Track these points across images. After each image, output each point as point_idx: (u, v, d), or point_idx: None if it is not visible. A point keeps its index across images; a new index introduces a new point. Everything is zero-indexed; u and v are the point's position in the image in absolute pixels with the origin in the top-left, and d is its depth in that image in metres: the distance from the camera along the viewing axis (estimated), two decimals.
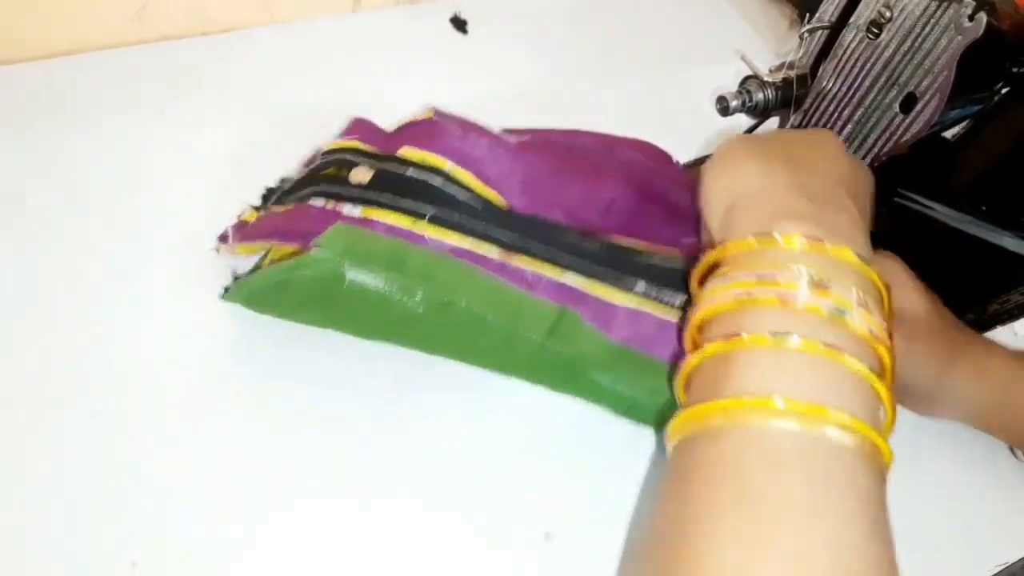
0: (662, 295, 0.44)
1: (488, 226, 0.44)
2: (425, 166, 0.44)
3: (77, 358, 0.45)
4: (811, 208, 0.32)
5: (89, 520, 0.40)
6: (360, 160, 0.46)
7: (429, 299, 0.42)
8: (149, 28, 0.63)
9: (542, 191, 0.45)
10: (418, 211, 0.43)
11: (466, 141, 0.45)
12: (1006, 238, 0.60)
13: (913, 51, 0.43)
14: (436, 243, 0.43)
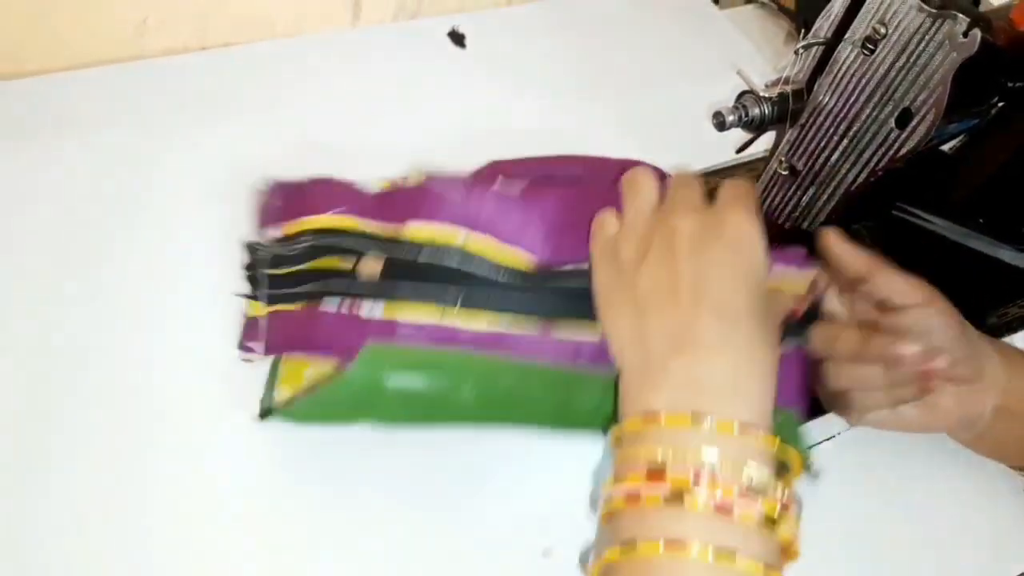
0: None
1: (519, 298, 0.42)
2: (437, 245, 0.42)
3: (73, 371, 0.45)
4: (680, 364, 0.34)
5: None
6: (361, 246, 0.42)
7: (478, 389, 0.41)
8: (150, 43, 0.63)
9: (562, 233, 0.43)
10: (443, 299, 0.41)
11: (471, 204, 0.42)
12: (1003, 251, 0.60)
13: (908, 67, 0.43)
14: (470, 333, 0.41)
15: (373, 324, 0.41)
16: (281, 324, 0.43)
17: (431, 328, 0.41)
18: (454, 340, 0.41)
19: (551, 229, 0.43)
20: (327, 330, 0.41)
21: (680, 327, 0.35)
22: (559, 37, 0.73)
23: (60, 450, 0.42)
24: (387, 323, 0.41)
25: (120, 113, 0.59)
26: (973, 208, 0.60)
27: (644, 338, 0.36)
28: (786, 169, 0.51)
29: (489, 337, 0.41)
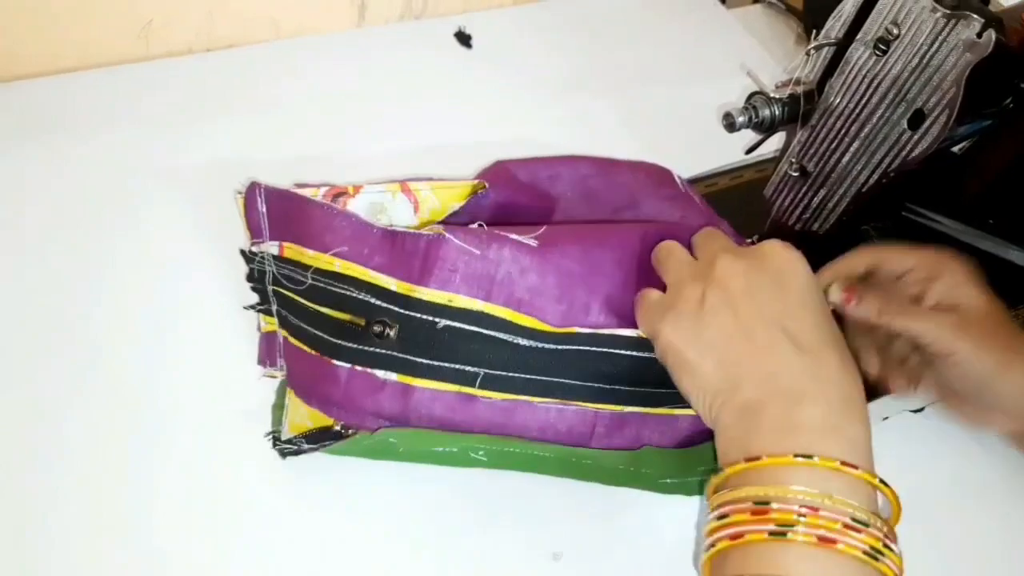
0: None
1: (539, 377, 0.41)
2: (455, 311, 0.40)
3: (78, 367, 0.45)
4: (776, 408, 0.34)
5: None
6: (372, 301, 0.40)
7: (491, 453, 0.42)
8: (155, 45, 0.63)
9: (575, 294, 0.42)
10: (461, 372, 0.40)
11: (487, 261, 0.40)
12: (1013, 252, 0.60)
13: (921, 68, 0.42)
14: (486, 403, 0.41)
15: (390, 386, 0.40)
16: (295, 364, 0.43)
17: (448, 396, 0.40)
18: (471, 409, 0.41)
19: (564, 285, 0.42)
20: (343, 390, 0.41)
21: (765, 370, 0.35)
22: (566, 37, 0.72)
23: (63, 445, 0.42)
24: (404, 387, 0.40)
25: (125, 114, 0.59)
26: (983, 209, 0.60)
27: (732, 388, 0.36)
28: (797, 170, 0.50)
29: (505, 405, 0.41)
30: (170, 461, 0.43)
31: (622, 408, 0.42)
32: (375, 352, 0.40)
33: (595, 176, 0.51)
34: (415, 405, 0.40)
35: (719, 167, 0.63)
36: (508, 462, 0.43)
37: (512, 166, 0.51)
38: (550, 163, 0.52)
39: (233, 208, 0.50)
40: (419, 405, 0.40)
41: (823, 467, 0.32)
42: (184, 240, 0.52)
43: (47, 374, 0.45)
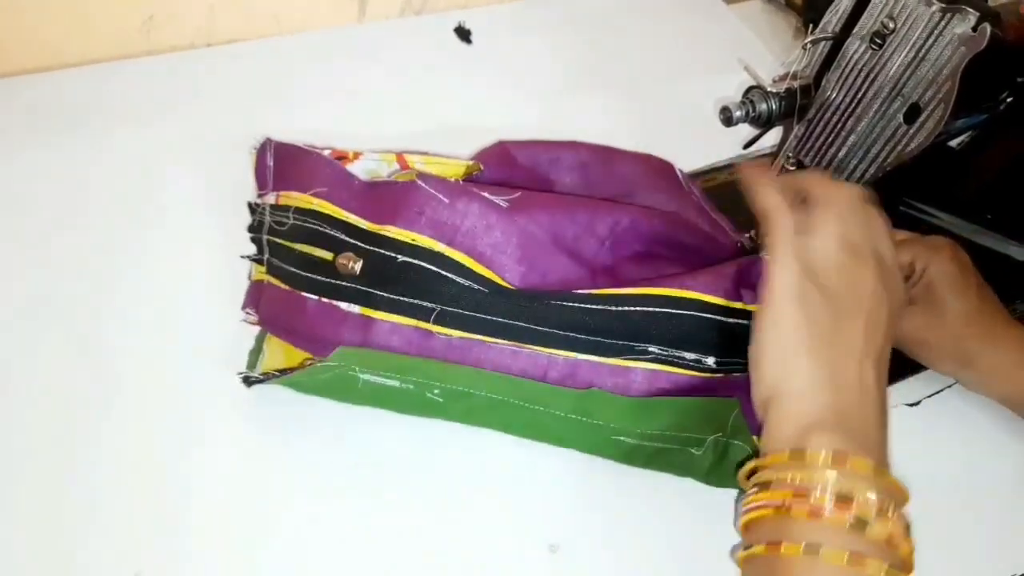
0: (674, 355, 0.43)
1: (494, 318, 0.42)
2: (416, 249, 0.42)
3: (86, 356, 0.45)
4: (837, 418, 0.36)
5: (94, 532, 0.40)
6: (341, 237, 0.43)
7: (446, 392, 0.42)
8: (156, 39, 0.63)
9: (536, 257, 0.43)
10: (419, 307, 0.42)
11: (455, 210, 0.42)
12: (1012, 247, 0.60)
13: (917, 62, 0.43)
14: (443, 340, 0.42)
15: (352, 319, 0.42)
16: (269, 300, 0.45)
17: (406, 330, 0.42)
18: (427, 345, 0.42)
19: (527, 248, 0.43)
20: (309, 320, 0.43)
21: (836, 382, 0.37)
22: (565, 32, 0.73)
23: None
24: (365, 319, 0.42)
25: (127, 109, 0.59)
26: (981, 204, 0.60)
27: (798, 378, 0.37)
28: (794, 164, 0.50)
29: (461, 344, 0.42)
30: (145, 399, 0.45)
31: (575, 355, 0.43)
32: (340, 285, 0.42)
33: (595, 163, 0.52)
34: (374, 337, 0.41)
35: (717, 162, 0.63)
36: (463, 407, 0.44)
37: (513, 147, 0.51)
38: (552, 147, 0.52)
39: (236, 199, 0.51)
40: (378, 337, 0.41)
41: (857, 468, 0.34)
42: (187, 232, 0.52)
43: (49, 364, 0.45)
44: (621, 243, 0.46)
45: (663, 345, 0.43)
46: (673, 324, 0.43)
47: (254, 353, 0.46)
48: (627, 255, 0.47)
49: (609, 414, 0.43)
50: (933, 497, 0.47)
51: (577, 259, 0.45)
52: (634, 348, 0.43)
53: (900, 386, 0.52)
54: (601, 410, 0.43)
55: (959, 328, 0.46)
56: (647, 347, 0.43)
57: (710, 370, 0.43)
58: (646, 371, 0.43)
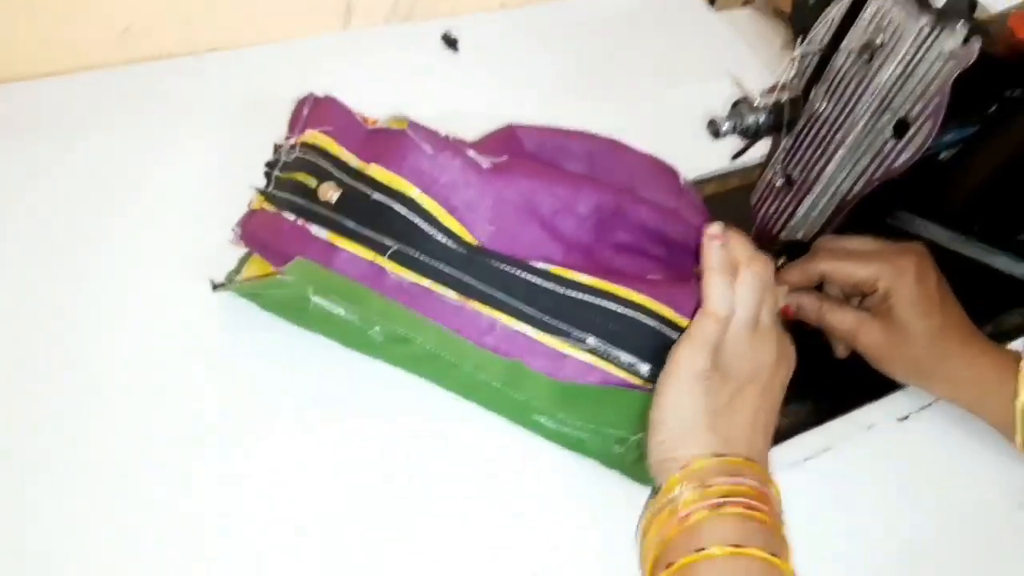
0: (611, 352, 0.44)
1: (448, 267, 0.44)
2: (391, 190, 0.44)
3: (79, 349, 0.45)
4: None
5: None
6: (330, 169, 0.46)
7: (387, 332, 0.44)
8: (135, 48, 0.62)
9: (507, 222, 0.45)
10: (380, 244, 0.44)
11: (436, 163, 0.44)
12: (999, 258, 0.60)
13: (906, 76, 0.42)
14: (395, 279, 0.44)
15: (318, 242, 0.44)
16: (257, 221, 0.48)
17: (363, 263, 0.44)
18: (379, 281, 0.44)
19: (498, 212, 0.45)
20: (282, 238, 0.45)
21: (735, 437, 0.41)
22: (553, 40, 0.72)
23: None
24: (330, 246, 0.44)
25: (105, 118, 0.58)
26: (968, 215, 0.60)
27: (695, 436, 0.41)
28: (782, 178, 0.50)
29: (411, 288, 0.44)
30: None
31: (514, 323, 0.44)
32: (315, 210, 0.45)
33: (601, 154, 0.52)
34: (334, 261, 0.44)
35: (706, 172, 0.63)
36: (400, 351, 0.45)
37: (521, 132, 0.52)
38: (560, 134, 0.53)
39: (216, 207, 0.51)
40: (337, 262, 0.44)
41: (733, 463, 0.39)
42: (165, 241, 0.51)
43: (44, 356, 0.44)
44: (604, 227, 0.47)
45: (601, 338, 0.44)
46: (615, 320, 0.43)
47: (233, 272, 0.49)
48: (611, 242, 0.47)
49: (531, 391, 0.44)
50: (918, 510, 0.47)
51: (552, 232, 0.46)
52: (571, 334, 0.44)
53: (890, 399, 0.52)
54: (525, 385, 0.44)
55: (920, 347, 0.47)
56: (586, 337, 0.44)
57: (642, 378, 0.44)
58: (579, 361, 0.44)
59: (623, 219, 0.47)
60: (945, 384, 0.49)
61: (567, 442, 0.45)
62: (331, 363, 0.47)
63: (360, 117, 0.50)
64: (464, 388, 0.46)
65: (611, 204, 0.47)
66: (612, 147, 0.53)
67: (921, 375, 0.49)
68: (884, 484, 0.49)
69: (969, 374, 0.47)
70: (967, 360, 0.47)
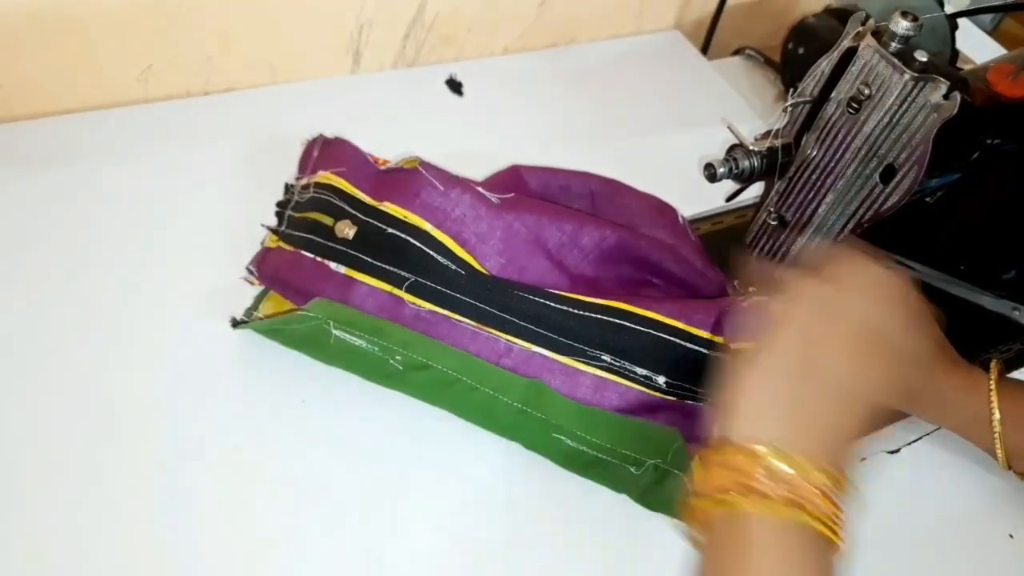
0: (626, 367, 0.45)
1: (463, 296, 0.45)
2: (406, 225, 0.46)
3: (93, 386, 0.46)
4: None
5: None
6: (345, 207, 0.48)
7: (406, 360, 0.45)
8: (153, 88, 0.64)
9: (516, 253, 0.47)
10: (397, 276, 0.46)
11: (448, 198, 0.47)
12: (984, 297, 0.62)
13: (892, 126, 0.45)
14: (413, 310, 0.45)
15: (337, 277, 0.47)
16: (275, 260, 0.50)
17: (382, 295, 0.46)
18: (398, 312, 0.45)
19: (508, 243, 0.47)
20: (302, 275, 0.47)
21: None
22: (553, 86, 0.75)
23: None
24: (348, 280, 0.46)
25: (125, 154, 0.60)
26: (954, 255, 0.62)
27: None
28: (775, 219, 0.52)
29: (428, 317, 0.45)
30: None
31: (530, 346, 0.46)
32: (333, 247, 0.47)
33: (603, 193, 0.55)
34: (353, 295, 0.46)
35: (701, 212, 0.65)
36: (420, 379, 0.46)
37: (526, 172, 0.54)
38: (562, 174, 0.55)
39: (229, 244, 0.53)
40: (356, 296, 0.46)
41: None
42: (181, 276, 0.53)
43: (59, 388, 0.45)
44: (607, 259, 0.49)
45: (615, 355, 0.45)
46: (628, 336, 0.45)
47: (250, 310, 0.50)
48: (613, 275, 0.50)
49: (552, 410, 0.45)
50: (909, 541, 0.49)
51: (558, 265, 0.48)
52: (586, 352, 0.45)
53: (880, 434, 0.54)
54: (546, 405, 0.45)
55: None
56: (600, 354, 0.45)
57: (660, 389, 0.45)
58: (596, 377, 0.45)
59: (625, 253, 0.49)
60: (931, 410, 0.49)
61: (581, 463, 0.46)
62: (348, 403, 0.48)
63: (370, 157, 0.52)
64: (483, 414, 0.47)
65: (613, 239, 0.49)
66: (613, 187, 0.55)
67: (908, 404, 0.49)
68: (875, 516, 0.50)
69: (952, 397, 0.48)
70: (951, 385, 0.48)
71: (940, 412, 0.49)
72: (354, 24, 0.68)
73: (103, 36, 0.60)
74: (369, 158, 0.52)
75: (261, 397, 0.48)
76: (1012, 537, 0.50)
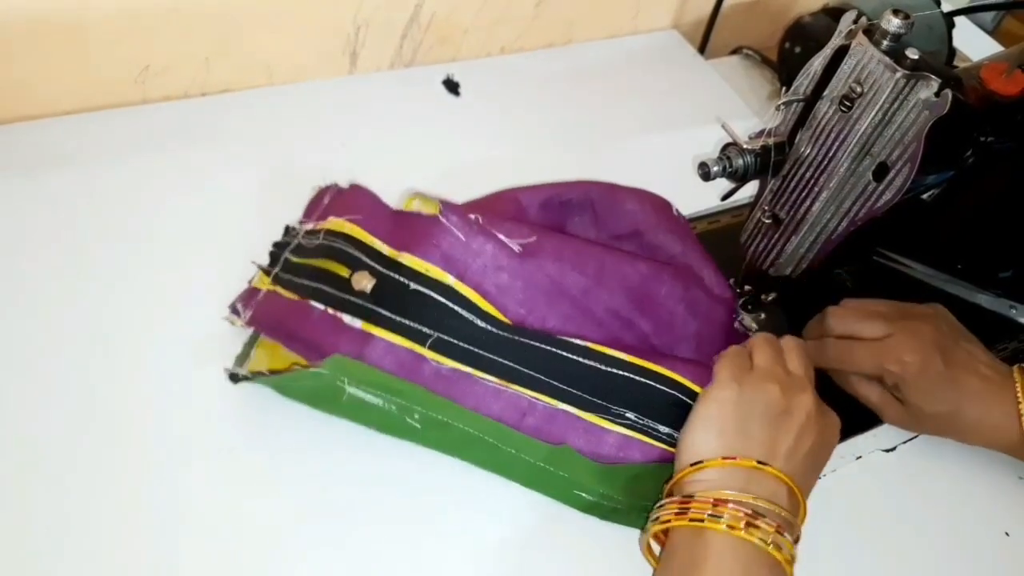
0: (650, 426, 0.45)
1: (487, 352, 0.44)
2: (427, 279, 0.44)
3: (82, 404, 0.46)
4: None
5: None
6: (362, 258, 0.46)
7: (425, 419, 0.44)
8: (151, 89, 0.65)
9: (538, 304, 0.46)
10: (419, 332, 0.44)
11: (469, 248, 0.45)
12: (981, 296, 0.62)
13: (884, 124, 0.45)
14: (434, 367, 0.44)
15: (352, 331, 0.44)
16: (273, 307, 0.47)
17: (401, 351, 0.43)
18: (418, 369, 0.43)
19: (531, 294, 0.45)
20: (311, 327, 0.45)
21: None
22: (549, 85, 0.75)
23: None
24: (364, 335, 0.44)
25: (121, 156, 0.60)
26: (952, 254, 0.62)
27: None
28: (769, 218, 0.52)
29: (450, 374, 0.44)
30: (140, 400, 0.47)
31: (555, 403, 0.45)
32: (348, 299, 0.45)
33: (601, 199, 0.54)
34: (370, 351, 0.43)
35: (697, 212, 0.65)
36: (439, 436, 0.45)
37: (525, 197, 0.53)
38: (558, 188, 0.54)
39: (226, 245, 0.53)
40: (374, 352, 0.43)
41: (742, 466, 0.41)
42: (178, 276, 0.53)
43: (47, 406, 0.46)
44: (631, 301, 0.48)
45: (640, 414, 0.45)
46: (655, 397, 0.45)
47: (241, 357, 0.48)
48: (638, 316, 0.49)
49: (575, 471, 0.44)
50: (905, 538, 0.49)
51: (581, 311, 0.47)
52: (611, 410, 0.45)
53: (876, 432, 0.54)
54: (569, 466, 0.44)
55: (938, 418, 0.49)
56: (625, 412, 0.45)
57: None
58: (620, 436, 0.45)
59: (646, 294, 0.49)
60: (963, 434, 0.50)
61: (600, 512, 0.46)
62: (356, 444, 0.46)
63: (378, 197, 0.50)
64: (504, 469, 0.46)
65: (636, 278, 0.48)
66: (610, 193, 0.54)
67: (942, 432, 0.51)
68: (872, 513, 0.50)
69: (992, 423, 0.49)
70: (988, 409, 0.49)
71: (973, 434, 0.50)
72: (351, 25, 0.68)
73: (100, 38, 0.60)
74: (384, 203, 0.50)
75: (264, 410, 0.47)
76: (1008, 535, 0.50)
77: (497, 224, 0.46)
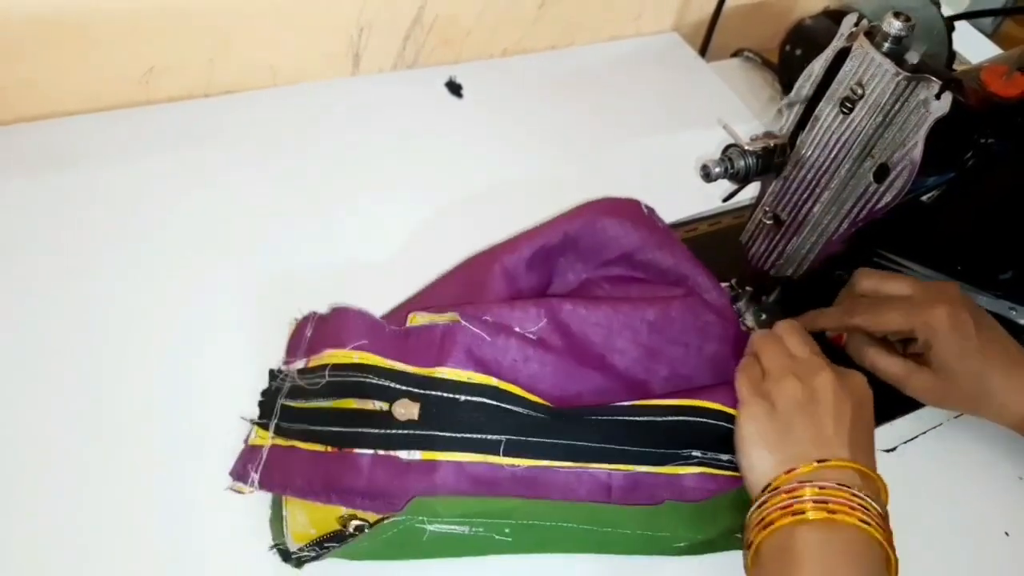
0: (716, 458, 0.46)
1: (551, 439, 0.43)
2: (474, 386, 0.42)
3: (86, 415, 0.46)
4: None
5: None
6: (393, 385, 0.43)
7: (516, 528, 0.42)
8: (155, 90, 0.65)
9: (569, 381, 0.45)
10: (485, 442, 0.42)
11: (496, 347, 0.44)
12: (981, 297, 0.62)
13: (885, 125, 0.45)
14: (509, 472, 0.42)
15: (414, 467, 0.41)
16: (292, 463, 0.43)
17: (471, 468, 0.41)
18: (495, 481, 0.42)
19: (562, 377, 0.45)
20: (366, 477, 0.41)
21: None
22: (551, 88, 0.75)
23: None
24: (428, 464, 0.41)
25: (126, 156, 0.60)
26: (951, 255, 0.63)
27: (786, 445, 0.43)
28: (771, 219, 0.52)
29: (525, 475, 0.42)
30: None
31: (633, 468, 0.44)
32: (397, 433, 0.41)
33: (583, 238, 0.52)
34: (441, 479, 0.41)
35: (698, 213, 0.66)
36: (532, 539, 0.43)
37: (508, 261, 0.50)
38: (535, 238, 0.51)
39: (228, 246, 0.53)
40: (445, 479, 0.41)
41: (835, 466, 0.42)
42: (180, 279, 0.53)
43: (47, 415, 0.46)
44: (647, 352, 0.49)
45: (703, 448, 0.46)
46: (709, 430, 0.46)
47: (275, 521, 0.43)
48: (653, 355, 0.49)
49: (674, 524, 0.44)
50: (906, 538, 0.49)
51: (606, 374, 0.47)
52: (680, 454, 0.45)
53: (877, 432, 0.54)
54: (668, 522, 0.44)
55: (967, 387, 0.50)
56: (691, 452, 0.46)
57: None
58: (695, 475, 0.46)
59: (660, 338, 0.49)
60: (992, 410, 0.51)
61: (693, 552, 0.46)
62: None
63: (368, 314, 0.47)
64: (599, 547, 0.45)
65: (644, 332, 0.48)
66: (584, 223, 0.52)
67: (969, 407, 0.52)
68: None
69: (1015, 398, 0.49)
70: (1012, 384, 0.50)
71: (1000, 412, 0.51)
72: (354, 26, 0.69)
73: (105, 38, 0.60)
74: (372, 317, 0.47)
75: None
76: (1008, 535, 0.50)
77: (507, 315, 0.45)
